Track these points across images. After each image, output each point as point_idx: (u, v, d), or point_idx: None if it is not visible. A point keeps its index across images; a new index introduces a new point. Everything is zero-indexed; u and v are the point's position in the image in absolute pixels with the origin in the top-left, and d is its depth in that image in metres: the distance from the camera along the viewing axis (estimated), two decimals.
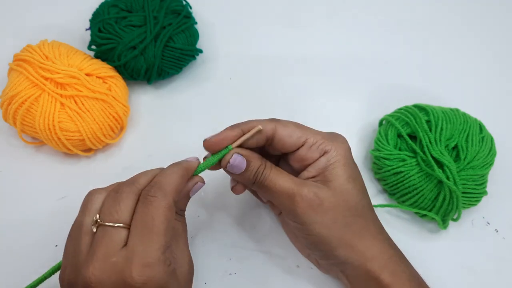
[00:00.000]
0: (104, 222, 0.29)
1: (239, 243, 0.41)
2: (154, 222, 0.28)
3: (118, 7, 0.48)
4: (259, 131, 0.33)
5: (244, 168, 0.33)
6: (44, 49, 0.43)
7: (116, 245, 0.28)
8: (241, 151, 0.33)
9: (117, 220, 0.29)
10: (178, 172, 0.32)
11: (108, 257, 0.27)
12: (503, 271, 0.41)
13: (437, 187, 0.39)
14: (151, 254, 0.27)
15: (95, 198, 0.31)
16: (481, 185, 0.40)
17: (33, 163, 0.45)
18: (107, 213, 0.29)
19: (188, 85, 0.51)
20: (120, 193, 0.30)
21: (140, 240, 0.28)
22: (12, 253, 0.40)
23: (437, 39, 0.56)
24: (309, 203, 0.32)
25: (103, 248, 0.28)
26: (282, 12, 0.57)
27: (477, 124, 0.43)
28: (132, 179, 0.32)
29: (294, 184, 0.32)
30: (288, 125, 0.34)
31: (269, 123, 0.34)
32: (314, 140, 0.33)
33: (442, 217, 0.40)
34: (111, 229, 0.28)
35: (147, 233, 0.28)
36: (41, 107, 0.41)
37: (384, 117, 0.45)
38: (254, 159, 0.33)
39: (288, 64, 0.53)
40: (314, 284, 0.39)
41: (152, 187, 0.30)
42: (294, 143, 0.34)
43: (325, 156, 0.33)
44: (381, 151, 0.42)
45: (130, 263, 0.27)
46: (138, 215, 0.29)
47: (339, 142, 0.34)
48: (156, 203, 0.29)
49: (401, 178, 0.41)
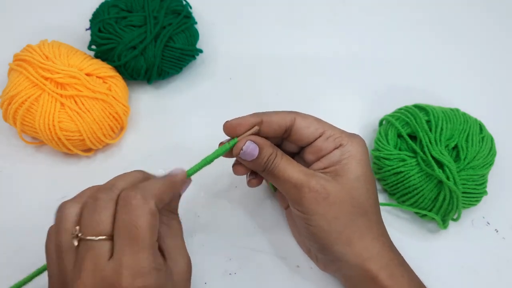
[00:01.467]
0: (86, 236, 0.27)
1: (239, 243, 0.41)
2: (139, 230, 0.27)
3: (118, 7, 0.48)
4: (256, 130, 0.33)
5: (256, 155, 0.33)
6: (44, 49, 0.43)
7: (103, 258, 0.26)
8: (255, 138, 0.33)
9: (99, 232, 0.27)
10: (163, 182, 0.30)
11: (96, 272, 0.26)
12: (503, 271, 0.41)
13: (437, 187, 0.39)
14: (140, 264, 0.26)
15: (68, 213, 0.28)
16: (481, 185, 0.40)
17: (33, 163, 0.45)
18: (88, 226, 0.27)
19: (188, 85, 0.51)
20: (98, 200, 0.28)
21: (126, 251, 0.26)
22: (12, 253, 0.40)
23: (437, 39, 0.56)
24: (315, 195, 0.32)
25: (89, 264, 0.26)
26: (282, 12, 0.57)
27: (477, 124, 0.43)
28: (110, 183, 0.30)
29: (303, 175, 0.33)
30: (307, 117, 0.35)
31: (289, 114, 0.34)
32: (332, 133, 0.34)
33: (442, 217, 0.40)
34: (95, 243, 0.27)
35: (133, 243, 0.26)
36: (41, 107, 0.41)
37: (384, 117, 0.45)
38: (266, 147, 0.33)
39: (288, 64, 0.53)
40: (314, 284, 0.39)
41: (133, 190, 0.28)
42: (312, 134, 0.34)
43: (339, 149, 0.33)
44: (381, 151, 0.42)
45: (119, 275, 0.26)
46: (120, 223, 0.27)
47: (357, 139, 0.34)
48: (138, 208, 0.27)
49: (401, 178, 0.41)
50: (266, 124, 0.34)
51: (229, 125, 0.34)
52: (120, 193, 0.29)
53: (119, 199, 0.28)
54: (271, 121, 0.34)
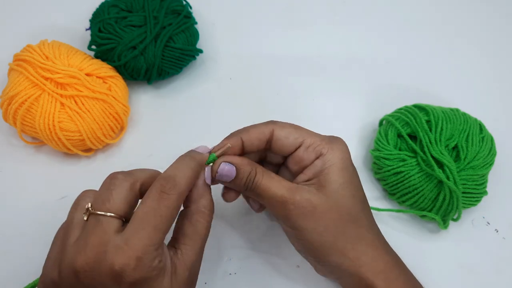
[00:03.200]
0: (95, 210, 0.28)
1: (239, 243, 0.41)
2: (160, 220, 0.28)
3: (118, 7, 0.48)
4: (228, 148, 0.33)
5: (233, 176, 0.33)
6: (44, 49, 0.43)
7: (108, 234, 0.27)
8: (229, 158, 0.33)
9: (109, 209, 0.28)
10: (191, 165, 0.31)
11: (99, 246, 0.27)
12: (503, 271, 0.41)
13: (437, 187, 0.39)
14: (146, 249, 0.27)
15: (86, 194, 0.30)
16: (481, 185, 0.40)
17: (33, 163, 0.45)
18: (99, 201, 0.28)
19: (188, 85, 0.51)
20: (115, 179, 0.29)
21: (138, 234, 0.27)
22: (12, 253, 0.40)
23: (437, 39, 0.56)
24: (301, 210, 0.31)
25: (94, 237, 0.27)
26: (282, 12, 0.57)
27: (477, 124, 0.43)
28: (129, 171, 0.31)
29: (287, 191, 0.32)
30: (285, 126, 0.34)
31: (266, 126, 0.34)
32: (311, 141, 0.33)
33: (442, 217, 0.40)
34: (103, 218, 0.28)
35: (149, 228, 0.27)
36: (41, 107, 0.41)
37: (384, 117, 0.45)
38: (244, 166, 0.33)
39: (288, 64, 0.53)
40: (314, 284, 0.39)
41: (168, 182, 0.29)
42: (291, 144, 0.33)
43: (320, 158, 0.33)
44: (381, 151, 0.42)
45: (122, 253, 0.26)
46: (145, 208, 0.28)
47: (337, 145, 0.33)
48: (169, 203, 0.28)
49: (401, 178, 0.41)
50: (247, 142, 0.34)
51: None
52: (136, 179, 0.30)
53: (152, 186, 0.29)
54: (250, 138, 0.34)
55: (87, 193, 0.31)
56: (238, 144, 0.33)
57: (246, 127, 0.34)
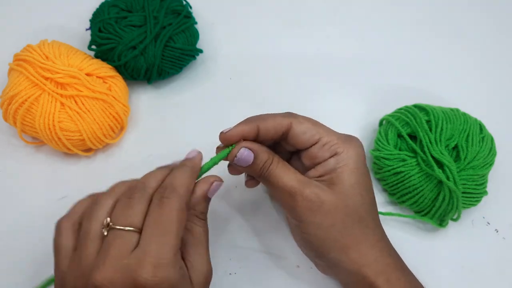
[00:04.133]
0: (115, 225, 0.28)
1: (239, 243, 0.41)
2: (167, 223, 0.28)
3: (118, 7, 0.48)
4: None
5: (251, 161, 0.33)
6: (44, 49, 0.43)
7: (128, 247, 0.28)
8: (249, 144, 0.33)
9: (130, 224, 0.28)
10: (187, 172, 0.32)
11: (120, 259, 0.27)
12: (503, 271, 0.41)
13: (437, 187, 0.39)
14: (164, 255, 0.27)
15: (104, 204, 0.30)
16: (481, 185, 0.40)
17: (33, 163, 0.45)
18: (119, 217, 0.29)
19: (188, 85, 0.51)
20: (132, 198, 0.30)
21: (152, 241, 0.28)
22: (12, 253, 0.40)
23: (437, 39, 0.56)
24: (309, 204, 0.32)
25: (115, 250, 0.27)
26: (282, 12, 0.57)
27: (477, 124, 0.43)
28: (143, 182, 0.31)
29: (298, 183, 0.32)
30: (304, 121, 0.34)
31: (285, 118, 0.34)
32: (328, 139, 0.33)
33: (441, 217, 0.40)
34: (123, 232, 0.28)
35: (160, 234, 0.28)
36: (41, 107, 0.41)
37: (384, 117, 0.45)
38: (261, 153, 0.33)
39: (288, 64, 0.53)
40: (314, 284, 0.39)
41: (166, 188, 0.30)
42: (308, 140, 0.33)
43: (335, 157, 0.33)
44: (381, 151, 0.42)
45: (141, 263, 0.27)
46: (151, 217, 0.29)
47: (352, 145, 0.34)
48: (171, 205, 0.29)
49: (401, 178, 0.41)
50: (263, 130, 0.34)
51: (224, 136, 0.34)
52: (152, 191, 0.30)
53: (153, 197, 0.30)
54: (267, 127, 0.34)
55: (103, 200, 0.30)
56: (254, 131, 0.33)
57: (263, 115, 0.34)
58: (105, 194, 0.31)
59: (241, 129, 0.33)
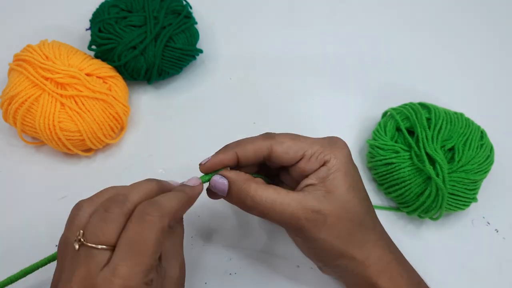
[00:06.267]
0: (87, 242, 0.27)
1: (239, 243, 0.41)
2: (145, 243, 0.26)
3: (118, 7, 0.48)
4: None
5: (225, 189, 0.33)
6: (44, 49, 0.43)
7: (98, 266, 0.26)
8: (224, 172, 0.33)
9: (102, 242, 0.27)
10: (183, 199, 0.30)
11: (87, 279, 0.26)
12: (503, 271, 0.41)
13: (425, 183, 0.39)
14: (133, 277, 0.26)
15: (81, 212, 0.29)
16: (472, 191, 0.40)
17: (33, 163, 0.45)
18: (92, 233, 0.27)
19: (188, 85, 0.51)
20: (109, 212, 0.28)
21: (124, 261, 0.26)
22: (12, 253, 0.40)
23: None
24: (314, 223, 0.31)
25: (83, 269, 0.26)
26: (282, 12, 0.57)
27: (479, 131, 0.42)
28: (124, 195, 0.29)
29: (297, 206, 0.31)
30: (283, 141, 0.33)
31: (263, 141, 0.33)
32: (312, 151, 0.33)
33: (423, 213, 0.40)
34: (95, 251, 0.26)
35: (134, 254, 0.26)
36: (41, 107, 0.41)
37: (388, 110, 0.46)
38: (238, 181, 0.32)
39: (288, 64, 0.53)
40: (314, 284, 0.39)
41: (151, 205, 0.28)
42: (292, 158, 0.33)
43: (325, 165, 0.32)
44: (376, 140, 0.43)
45: (109, 285, 0.25)
46: (129, 233, 0.27)
47: (338, 148, 0.33)
48: (152, 224, 0.27)
49: (391, 169, 0.41)
50: (242, 157, 0.33)
51: (203, 168, 0.33)
52: (132, 207, 0.28)
53: (135, 212, 0.28)
54: (246, 153, 0.33)
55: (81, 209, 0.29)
56: (233, 158, 0.33)
57: (242, 140, 0.34)
58: (87, 201, 0.30)
59: (220, 159, 0.33)
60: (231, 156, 0.33)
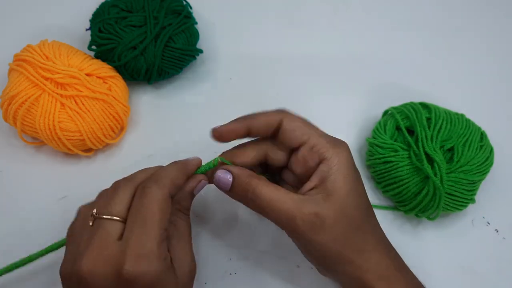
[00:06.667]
0: (99, 215, 0.29)
1: (239, 243, 0.41)
2: (149, 214, 0.28)
3: (118, 7, 0.48)
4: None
5: (229, 185, 0.33)
6: (44, 49, 0.43)
7: (111, 237, 0.28)
8: (229, 167, 0.33)
9: (111, 212, 0.29)
10: (175, 166, 0.33)
11: (102, 249, 0.27)
12: (503, 271, 0.41)
13: (423, 182, 0.39)
14: (145, 246, 0.27)
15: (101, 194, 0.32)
16: (470, 192, 0.40)
17: (33, 163, 0.45)
18: (102, 206, 0.30)
19: (188, 85, 0.51)
20: (116, 187, 0.31)
21: (134, 232, 0.28)
22: (12, 253, 0.40)
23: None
24: (310, 225, 0.31)
25: (97, 240, 0.28)
26: (282, 11, 0.57)
27: (479, 133, 0.42)
28: (130, 175, 0.32)
29: (293, 203, 0.31)
30: (295, 120, 0.34)
31: (276, 113, 0.34)
32: (316, 142, 0.33)
33: (420, 213, 0.40)
34: (106, 222, 0.29)
35: (142, 225, 0.28)
36: (42, 107, 0.41)
37: (389, 109, 0.46)
38: (242, 176, 0.33)
39: (288, 63, 0.53)
40: (314, 284, 0.39)
41: (149, 180, 0.30)
42: (296, 138, 0.33)
43: (325, 163, 0.32)
44: (375, 138, 0.43)
45: (123, 254, 0.27)
46: (134, 208, 0.29)
47: (341, 149, 0.33)
48: (151, 195, 0.29)
49: (389, 168, 0.41)
50: (254, 126, 0.34)
51: (216, 133, 0.34)
52: (138, 182, 0.31)
53: (138, 189, 0.30)
54: (258, 123, 0.34)
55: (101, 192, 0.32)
56: (244, 128, 0.34)
57: (254, 114, 0.34)
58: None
59: (232, 128, 0.34)
60: (242, 125, 0.34)
